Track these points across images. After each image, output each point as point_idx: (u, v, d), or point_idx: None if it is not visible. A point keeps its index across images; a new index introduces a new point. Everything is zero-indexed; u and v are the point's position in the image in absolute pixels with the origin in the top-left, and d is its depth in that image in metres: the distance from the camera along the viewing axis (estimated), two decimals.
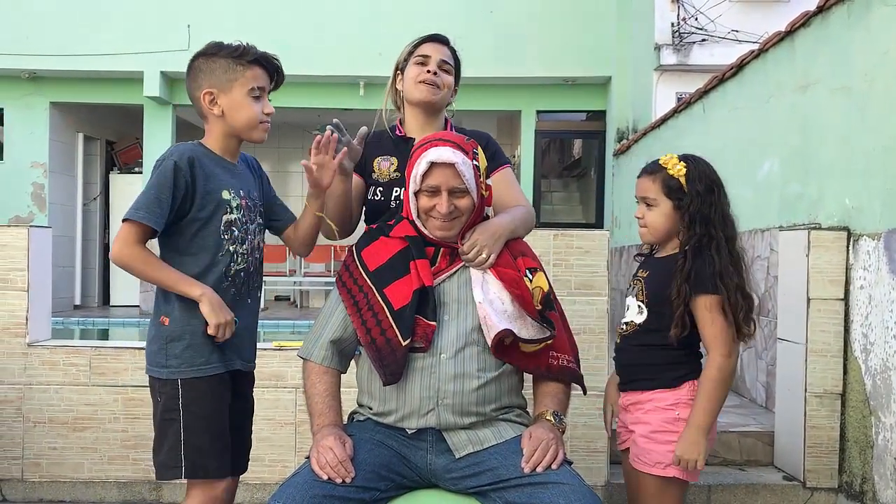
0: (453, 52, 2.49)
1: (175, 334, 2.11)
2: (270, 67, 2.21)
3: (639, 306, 2.27)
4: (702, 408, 2.12)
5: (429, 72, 2.38)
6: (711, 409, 2.13)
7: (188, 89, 2.21)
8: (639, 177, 2.31)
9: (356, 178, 2.41)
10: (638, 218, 2.31)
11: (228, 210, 2.15)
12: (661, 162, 2.27)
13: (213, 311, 2.07)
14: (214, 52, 2.15)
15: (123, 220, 2.07)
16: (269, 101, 2.23)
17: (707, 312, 2.15)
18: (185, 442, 2.09)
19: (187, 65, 2.20)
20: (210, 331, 2.08)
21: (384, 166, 2.40)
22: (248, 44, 2.18)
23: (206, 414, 2.11)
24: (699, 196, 2.20)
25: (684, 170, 2.23)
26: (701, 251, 2.17)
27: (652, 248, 2.39)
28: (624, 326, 2.32)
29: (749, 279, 2.26)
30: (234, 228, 2.16)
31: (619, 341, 2.35)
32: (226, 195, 2.14)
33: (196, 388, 2.11)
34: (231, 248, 2.16)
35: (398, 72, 2.49)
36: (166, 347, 2.12)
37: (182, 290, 2.08)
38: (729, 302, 2.15)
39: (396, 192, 2.40)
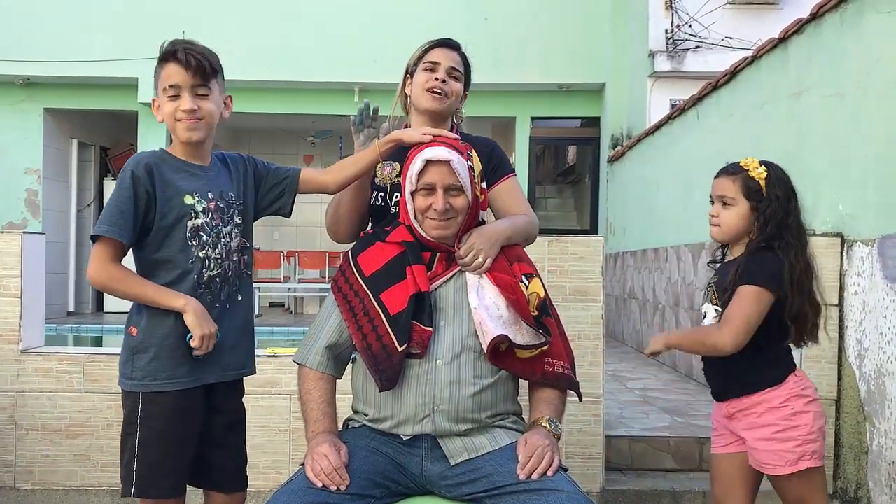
0: (464, 57, 2.46)
1: (141, 346, 2.06)
2: (182, 62, 2.06)
3: (715, 310, 2.29)
4: (682, 334, 2.32)
5: (437, 79, 2.35)
6: (687, 341, 2.30)
7: None
8: (716, 177, 2.35)
9: (364, 180, 2.39)
10: (712, 216, 2.34)
11: (193, 215, 2.08)
12: (741, 164, 2.31)
13: (198, 322, 2.03)
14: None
15: (92, 239, 2.04)
16: (205, 95, 2.10)
17: (739, 296, 2.18)
18: (139, 458, 2.05)
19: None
20: (194, 342, 2.03)
21: (386, 171, 2.37)
22: (176, 41, 2.10)
23: (163, 430, 2.05)
24: (777, 201, 2.24)
25: (765, 173, 2.27)
26: (764, 250, 2.21)
27: (723, 254, 2.42)
28: None
29: (819, 287, 2.28)
30: (202, 233, 2.09)
31: None
32: (188, 200, 2.08)
33: (156, 403, 2.05)
34: (201, 253, 2.09)
35: (408, 76, 2.45)
36: (132, 359, 2.07)
37: (164, 304, 2.04)
38: (789, 307, 2.19)
39: (397, 197, 2.36)
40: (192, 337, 2.03)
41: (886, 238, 3.10)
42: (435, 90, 2.35)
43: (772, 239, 2.21)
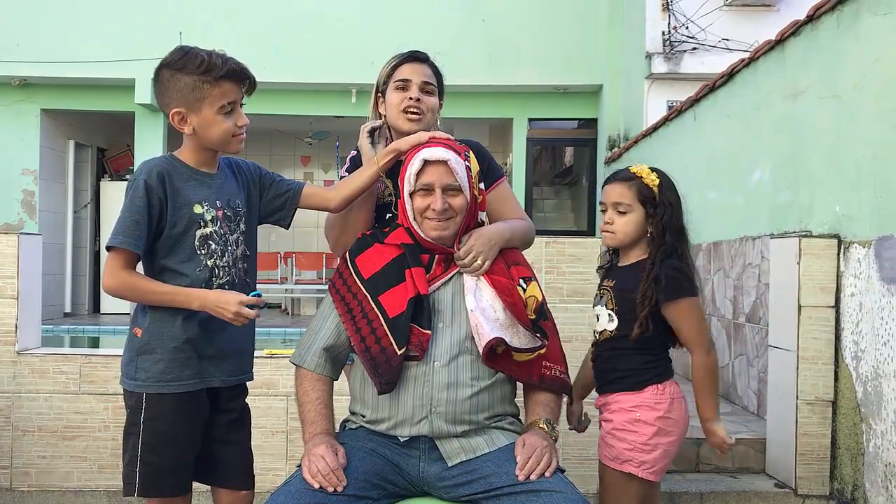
0: (434, 67, 2.38)
1: (146, 347, 2.07)
2: (240, 79, 2.10)
3: (609, 315, 2.34)
4: (703, 404, 2.28)
5: (411, 98, 2.28)
6: (711, 401, 2.28)
7: (157, 102, 2.13)
8: (609, 183, 2.38)
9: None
10: (607, 223, 2.36)
11: (202, 224, 2.08)
12: (633, 170, 2.35)
13: (220, 313, 2.03)
14: (180, 66, 2.03)
15: (107, 249, 2.04)
16: (243, 105, 2.14)
17: (685, 315, 2.26)
18: (141, 458, 2.06)
19: (154, 73, 2.10)
20: (238, 322, 2.04)
21: (379, 188, 2.32)
22: (214, 54, 2.06)
23: (166, 431, 2.07)
24: (671, 207, 2.31)
25: (658, 180, 2.33)
26: (671, 258, 2.27)
27: (612, 259, 2.47)
28: (597, 335, 2.40)
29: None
30: (210, 242, 2.10)
31: (593, 348, 2.44)
32: (198, 209, 2.08)
33: (160, 404, 2.06)
34: (209, 262, 2.09)
35: (379, 94, 2.38)
36: (136, 360, 2.08)
37: (180, 304, 2.04)
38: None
39: (389, 217, 2.32)
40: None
41: (883, 239, 3.10)
42: (411, 110, 2.28)
43: (670, 246, 2.27)
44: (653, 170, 2.35)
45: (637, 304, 2.25)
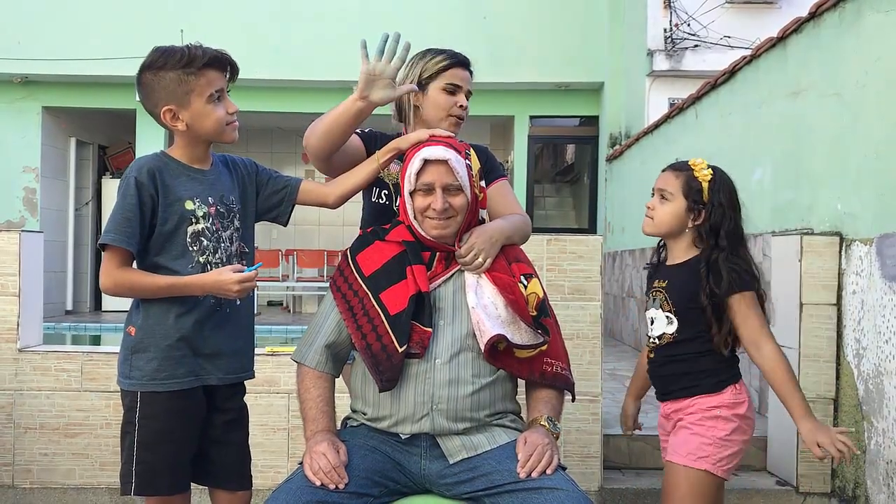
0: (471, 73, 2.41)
1: (140, 346, 2.07)
2: (222, 65, 2.08)
3: (667, 317, 2.26)
4: (795, 400, 2.15)
5: (462, 107, 2.31)
6: (801, 395, 2.16)
7: (144, 106, 2.11)
8: (663, 170, 2.33)
9: (361, 147, 2.31)
10: (648, 208, 2.32)
11: (193, 220, 2.08)
12: (689, 162, 2.28)
13: (223, 292, 2.03)
14: (161, 64, 2.03)
15: (101, 248, 2.04)
16: (229, 92, 2.12)
17: (751, 307, 2.19)
18: (137, 457, 2.05)
19: (136, 78, 2.09)
20: (244, 294, 2.05)
21: (394, 169, 2.32)
22: (191, 46, 2.05)
23: (162, 430, 2.05)
24: (721, 208, 2.22)
25: (710, 176, 2.25)
26: (727, 255, 2.20)
27: (660, 256, 2.39)
28: (656, 340, 2.31)
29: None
30: (202, 239, 2.09)
31: (652, 355, 2.34)
32: (189, 205, 2.07)
33: (155, 403, 2.05)
34: (202, 259, 2.09)
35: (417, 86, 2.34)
36: (131, 358, 2.07)
37: (181, 294, 2.05)
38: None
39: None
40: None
41: (885, 237, 3.10)
42: (459, 118, 2.32)
43: (730, 248, 2.20)
44: (710, 167, 2.27)
45: (703, 307, 2.18)
